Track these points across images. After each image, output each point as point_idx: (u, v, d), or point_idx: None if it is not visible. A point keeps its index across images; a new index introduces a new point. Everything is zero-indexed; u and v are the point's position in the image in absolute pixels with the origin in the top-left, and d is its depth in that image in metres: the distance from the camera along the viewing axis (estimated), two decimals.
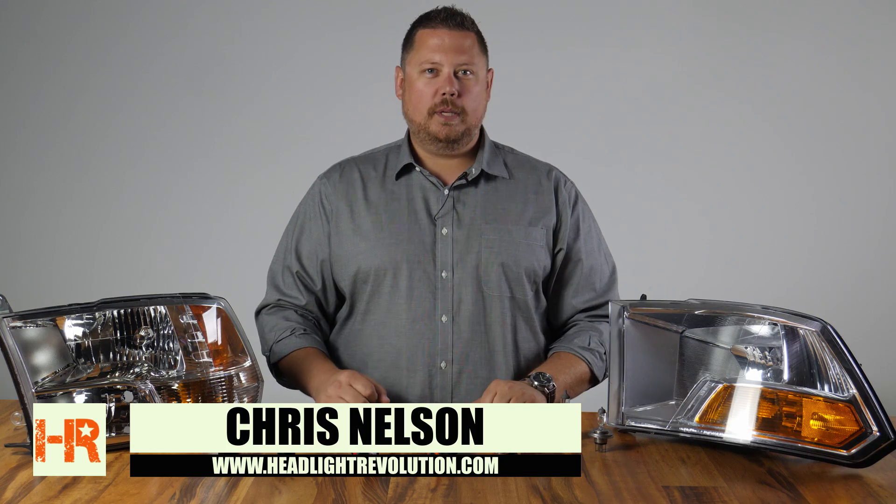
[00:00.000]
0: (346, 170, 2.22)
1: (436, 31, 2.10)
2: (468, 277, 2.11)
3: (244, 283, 3.03)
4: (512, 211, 2.16)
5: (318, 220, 2.20)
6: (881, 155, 4.05)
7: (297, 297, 2.20)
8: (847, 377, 1.68)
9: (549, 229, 2.18)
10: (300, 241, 2.21)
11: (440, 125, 2.10)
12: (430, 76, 2.09)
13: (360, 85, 3.99)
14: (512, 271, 2.12)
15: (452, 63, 2.08)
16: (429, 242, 2.13)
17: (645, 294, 1.95)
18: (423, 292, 2.11)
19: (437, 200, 2.15)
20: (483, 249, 2.12)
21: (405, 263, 2.11)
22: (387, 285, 2.12)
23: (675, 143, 4.05)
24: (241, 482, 1.62)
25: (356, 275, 2.14)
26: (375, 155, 2.25)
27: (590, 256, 2.22)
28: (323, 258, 2.18)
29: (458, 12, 2.13)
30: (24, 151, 4.10)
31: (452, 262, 2.12)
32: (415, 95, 2.12)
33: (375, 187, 2.18)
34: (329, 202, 2.19)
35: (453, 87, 2.08)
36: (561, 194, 2.21)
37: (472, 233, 2.13)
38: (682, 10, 4.00)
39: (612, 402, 1.88)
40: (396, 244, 2.12)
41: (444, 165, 2.18)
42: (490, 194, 2.17)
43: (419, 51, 2.11)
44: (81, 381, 1.78)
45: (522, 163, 2.24)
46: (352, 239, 2.16)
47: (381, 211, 2.15)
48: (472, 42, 2.11)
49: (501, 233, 2.14)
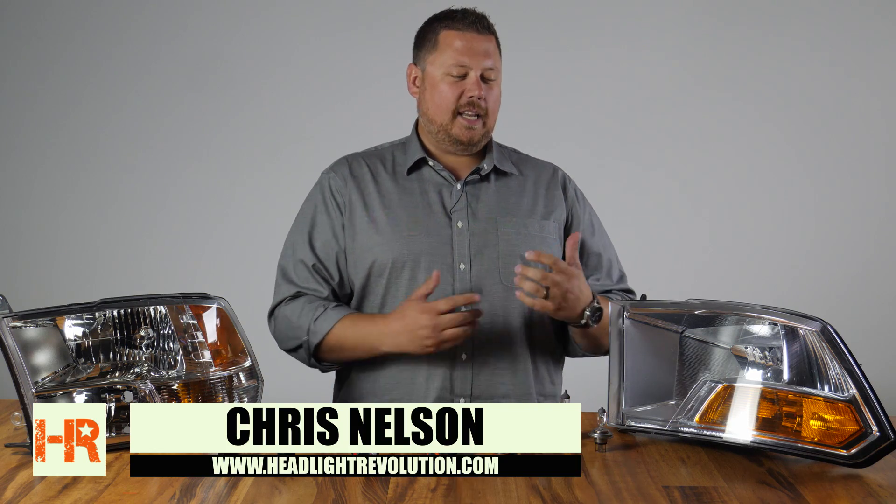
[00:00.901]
0: (354, 164, 2.23)
1: (464, 35, 2.11)
2: (489, 270, 2.12)
3: (244, 283, 3.04)
4: (525, 205, 2.18)
5: (331, 214, 2.19)
6: (881, 155, 4.05)
7: (318, 290, 2.18)
8: (847, 377, 1.68)
9: (561, 224, 2.21)
10: (312, 234, 2.20)
11: (463, 128, 2.12)
12: (456, 79, 2.10)
13: (361, 84, 3.99)
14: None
15: (480, 66, 2.10)
16: (446, 235, 2.14)
17: (645, 294, 1.95)
18: (443, 284, 2.10)
19: (451, 195, 2.17)
20: (501, 242, 2.14)
21: (424, 256, 2.12)
22: (405, 278, 2.13)
23: (675, 143, 4.06)
24: (241, 482, 1.62)
25: (371, 267, 2.14)
26: (381, 151, 2.26)
27: (607, 250, 2.27)
28: (338, 250, 2.18)
29: (483, 16, 2.15)
30: (24, 151, 4.10)
31: (470, 254, 2.13)
32: (437, 96, 2.12)
33: (387, 181, 2.19)
34: (340, 195, 2.19)
35: (481, 90, 2.10)
36: (569, 191, 2.25)
37: (488, 226, 2.14)
38: (681, 11, 4.00)
39: (612, 402, 1.88)
40: (414, 237, 2.13)
41: (455, 161, 2.20)
42: (502, 190, 2.19)
43: (445, 52, 2.12)
44: (81, 381, 1.78)
45: (525, 161, 2.28)
46: (367, 232, 2.15)
47: (394, 205, 2.16)
48: (495, 46, 2.14)
49: (518, 226, 2.15)
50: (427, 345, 2.01)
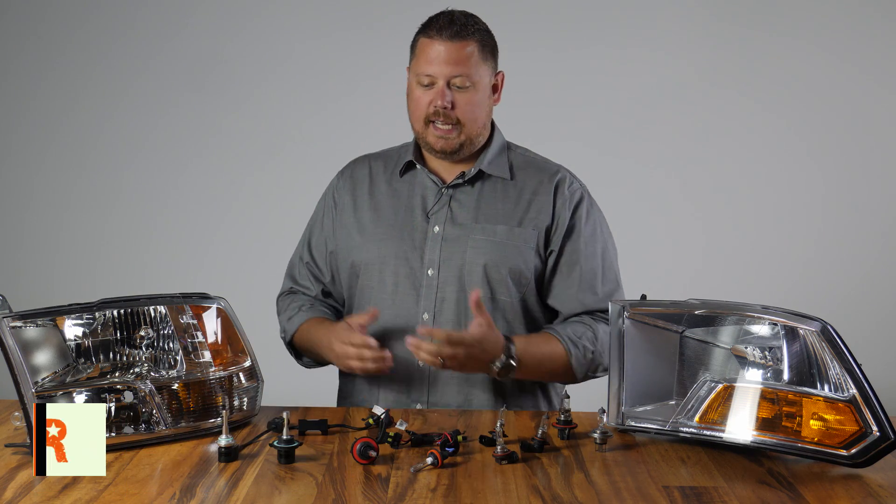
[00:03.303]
0: (358, 166, 2.26)
1: (432, 43, 2.08)
2: (452, 277, 2.12)
3: (244, 283, 3.04)
4: (502, 211, 2.15)
5: (329, 214, 2.25)
6: (881, 155, 4.05)
7: (308, 288, 2.27)
8: (847, 377, 1.68)
9: (542, 230, 2.15)
10: (313, 233, 2.28)
11: (436, 137, 2.11)
12: (426, 88, 2.10)
13: (362, 84, 3.99)
14: (496, 272, 2.11)
15: (446, 75, 2.07)
16: (419, 239, 2.14)
17: (645, 294, 1.95)
18: (408, 289, 2.12)
19: (435, 198, 2.16)
20: (469, 249, 2.12)
21: (392, 259, 2.13)
22: (374, 280, 2.15)
23: (675, 142, 4.05)
24: (241, 482, 1.62)
25: (351, 268, 2.19)
26: (390, 152, 2.28)
27: (591, 260, 2.16)
28: (331, 250, 2.24)
29: (459, 20, 2.09)
30: (24, 151, 4.10)
31: (439, 260, 2.12)
32: (412, 104, 2.14)
33: (381, 184, 2.21)
34: (339, 196, 2.24)
35: (445, 100, 2.07)
36: (561, 195, 2.17)
37: (463, 232, 2.13)
38: (684, 10, 4.00)
39: (612, 402, 1.88)
40: (386, 239, 2.15)
41: (446, 165, 2.19)
42: (486, 194, 2.17)
43: (418, 60, 2.11)
44: (81, 381, 1.78)
45: (530, 163, 2.21)
46: (350, 232, 2.20)
47: (382, 207, 2.18)
48: (473, 50, 2.08)
49: (488, 233, 2.13)
50: (340, 365, 2.11)
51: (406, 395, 2.13)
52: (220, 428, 1.75)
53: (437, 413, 2.00)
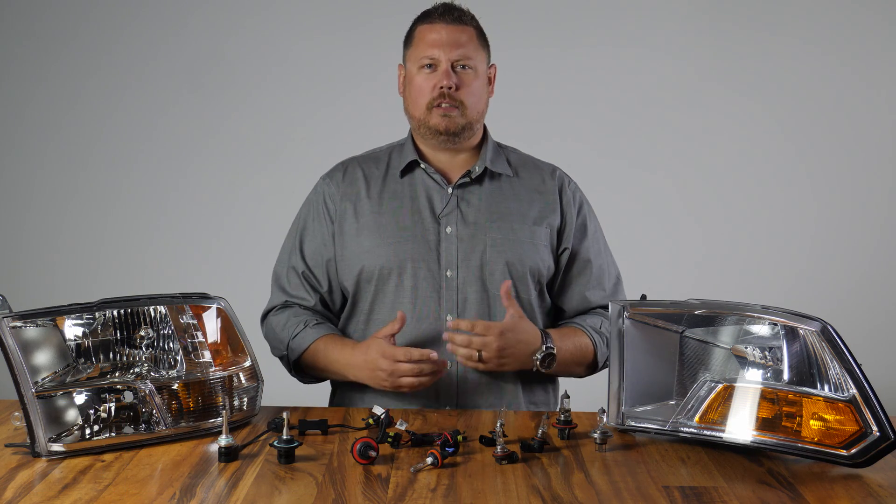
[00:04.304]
0: (350, 169, 2.23)
1: (433, 27, 2.12)
2: (473, 276, 2.11)
3: (244, 283, 3.03)
4: (516, 210, 2.16)
5: (322, 221, 2.20)
6: (881, 155, 4.05)
7: (305, 298, 2.20)
8: (847, 377, 1.68)
9: (553, 229, 2.18)
10: (304, 241, 2.22)
11: (440, 117, 2.11)
12: (429, 71, 2.11)
13: (362, 84, 3.99)
14: (517, 270, 2.12)
15: (449, 57, 2.10)
16: (433, 241, 2.13)
17: (645, 294, 1.95)
18: (428, 291, 2.11)
19: (441, 199, 2.16)
20: (488, 248, 2.12)
21: (410, 262, 2.12)
22: (391, 284, 2.12)
23: (675, 143, 4.06)
24: (241, 482, 1.62)
25: (360, 274, 2.15)
26: (378, 154, 2.25)
27: (598, 257, 2.23)
28: (328, 258, 2.19)
29: (456, 7, 2.15)
30: (24, 151, 4.10)
31: (457, 260, 2.12)
32: (414, 91, 2.13)
33: (379, 186, 2.19)
34: (333, 202, 2.20)
35: (450, 80, 2.09)
36: (565, 194, 2.21)
37: (477, 231, 2.13)
38: (682, 10, 4.00)
39: (612, 402, 1.88)
40: (401, 243, 2.13)
41: (448, 163, 2.18)
42: (494, 193, 2.17)
43: (417, 46, 2.13)
44: (81, 381, 1.78)
45: (526, 162, 2.25)
46: (356, 238, 2.16)
47: (385, 210, 2.16)
48: (471, 36, 2.12)
49: (506, 231, 2.14)
50: (384, 385, 2.03)
51: (435, 401, 2.12)
52: (220, 428, 1.76)
53: (437, 413, 2.00)
